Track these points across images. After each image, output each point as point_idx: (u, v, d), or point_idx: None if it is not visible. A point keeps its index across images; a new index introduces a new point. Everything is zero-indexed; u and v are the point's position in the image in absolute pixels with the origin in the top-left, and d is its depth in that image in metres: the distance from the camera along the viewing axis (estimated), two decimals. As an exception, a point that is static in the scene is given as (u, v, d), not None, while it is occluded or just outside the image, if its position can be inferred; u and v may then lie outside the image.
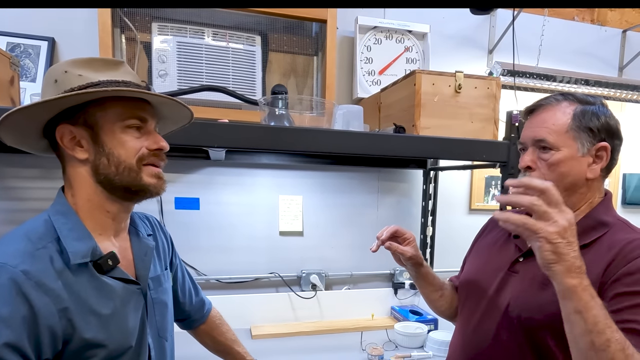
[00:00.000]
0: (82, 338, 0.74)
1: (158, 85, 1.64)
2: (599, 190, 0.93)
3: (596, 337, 0.70)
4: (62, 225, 0.78)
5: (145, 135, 0.82)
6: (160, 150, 0.83)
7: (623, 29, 2.48)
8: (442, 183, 2.16)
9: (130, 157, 0.79)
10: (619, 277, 0.79)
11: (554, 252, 0.71)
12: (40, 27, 1.65)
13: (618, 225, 0.89)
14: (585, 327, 0.71)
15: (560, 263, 0.71)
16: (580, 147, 0.87)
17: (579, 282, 0.71)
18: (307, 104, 1.53)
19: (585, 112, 0.88)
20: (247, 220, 1.92)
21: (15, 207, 1.65)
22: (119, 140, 0.79)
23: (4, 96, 1.25)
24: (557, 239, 0.71)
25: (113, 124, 0.78)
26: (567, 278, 0.71)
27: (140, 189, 0.82)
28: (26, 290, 0.69)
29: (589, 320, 0.70)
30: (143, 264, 0.89)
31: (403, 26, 2.01)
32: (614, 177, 2.50)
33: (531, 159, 0.91)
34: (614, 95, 2.30)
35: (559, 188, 0.88)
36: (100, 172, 0.79)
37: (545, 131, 0.89)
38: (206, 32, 1.71)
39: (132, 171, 0.80)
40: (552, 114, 0.90)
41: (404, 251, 1.04)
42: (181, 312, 1.13)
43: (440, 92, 1.50)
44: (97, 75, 0.78)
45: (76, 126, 0.78)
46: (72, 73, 0.77)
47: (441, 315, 1.21)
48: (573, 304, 0.72)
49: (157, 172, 0.83)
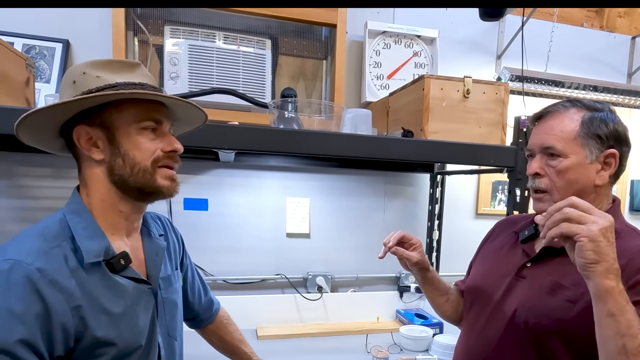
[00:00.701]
0: (94, 336, 0.75)
1: (169, 87, 1.66)
2: (607, 197, 0.93)
3: (629, 341, 0.70)
4: (76, 224, 0.79)
5: (160, 137, 0.83)
6: (175, 152, 0.84)
7: (632, 35, 2.48)
8: (448, 187, 2.16)
9: (145, 159, 0.81)
10: (633, 285, 0.79)
11: (595, 251, 0.70)
12: (55, 30, 1.68)
13: (627, 232, 0.89)
14: (618, 331, 0.70)
15: (601, 264, 0.70)
16: (588, 154, 0.87)
17: (616, 284, 0.71)
18: (316, 107, 1.54)
19: (593, 118, 0.88)
20: (254, 221, 1.94)
21: (28, 205, 1.68)
22: (134, 141, 0.80)
23: (19, 97, 1.28)
24: (600, 238, 0.70)
25: (129, 125, 0.80)
26: (605, 279, 0.71)
27: (154, 190, 0.83)
28: (40, 287, 0.70)
29: (622, 323, 0.70)
30: (154, 264, 0.90)
31: (412, 31, 2.02)
32: (621, 184, 2.48)
33: (539, 166, 0.92)
34: (622, 101, 2.29)
35: (568, 195, 0.88)
36: (115, 172, 0.80)
37: (553, 138, 0.89)
38: (217, 36, 1.73)
39: (147, 173, 0.81)
40: (560, 121, 0.90)
41: (410, 256, 1.04)
42: (190, 312, 1.14)
43: (449, 97, 1.51)
44: (115, 76, 0.79)
45: (93, 127, 0.79)
46: (90, 74, 0.78)
47: (447, 320, 1.21)
48: (608, 306, 0.71)
49: (172, 174, 0.85)
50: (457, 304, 1.16)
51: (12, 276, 0.69)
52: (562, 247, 0.82)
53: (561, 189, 0.88)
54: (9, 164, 1.65)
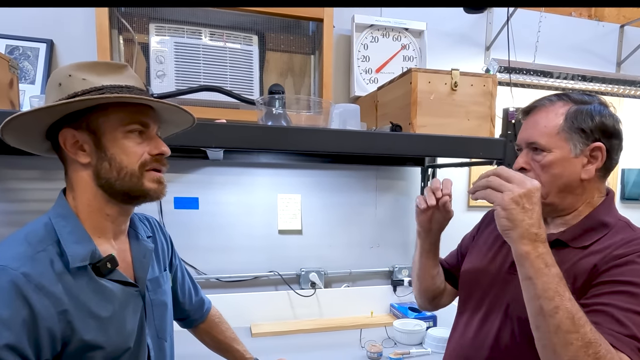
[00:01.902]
0: (81, 340, 0.75)
1: (156, 85, 1.65)
2: (599, 190, 0.92)
3: (545, 303, 0.73)
4: (62, 228, 0.79)
5: (147, 140, 0.82)
6: (162, 155, 0.84)
7: (621, 24, 2.48)
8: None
9: (132, 162, 0.80)
10: (608, 268, 0.80)
11: (507, 218, 0.76)
12: (38, 30, 1.66)
13: (619, 225, 0.88)
14: (535, 293, 0.75)
15: (515, 230, 0.76)
16: (572, 148, 0.87)
17: (532, 248, 0.75)
18: (304, 103, 1.53)
19: (578, 112, 0.88)
20: (246, 219, 1.94)
21: (15, 208, 1.66)
22: (120, 145, 0.79)
23: (3, 99, 1.26)
24: (511, 205, 0.76)
25: (115, 129, 0.79)
26: (520, 244, 0.76)
27: (141, 194, 0.82)
28: (26, 292, 0.70)
29: (538, 286, 0.74)
30: (142, 266, 0.90)
31: (400, 24, 2.01)
32: (612, 173, 2.50)
33: (525, 161, 0.92)
34: (612, 90, 2.30)
35: (554, 189, 0.89)
36: (102, 176, 0.80)
37: (537, 133, 0.90)
38: (203, 32, 1.71)
39: (134, 176, 0.80)
40: (544, 116, 0.90)
41: (451, 211, 1.03)
42: (181, 312, 1.15)
43: (436, 90, 1.51)
44: (101, 79, 0.78)
45: (79, 130, 0.78)
46: (76, 77, 0.77)
47: (427, 295, 1.17)
48: (525, 269, 0.76)
49: (159, 177, 0.84)
50: (443, 278, 1.17)
51: None
52: (553, 241, 0.85)
53: (546, 183, 0.89)
54: (-4, 167, 1.63)
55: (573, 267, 0.84)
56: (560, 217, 0.92)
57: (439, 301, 1.19)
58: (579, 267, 0.83)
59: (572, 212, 0.91)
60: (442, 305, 1.21)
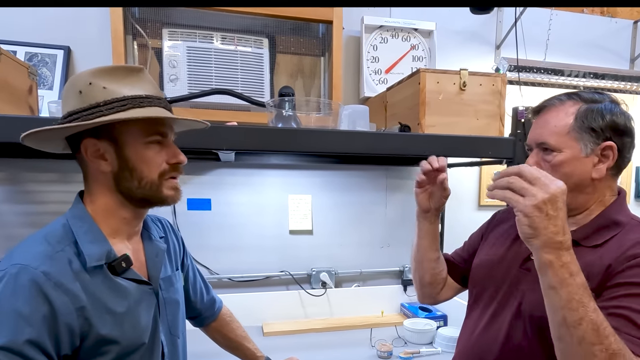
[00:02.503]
0: (98, 334, 0.78)
1: (169, 89, 1.69)
2: (611, 189, 0.91)
3: (568, 314, 0.71)
4: (78, 229, 0.82)
5: (165, 148, 0.86)
6: (179, 164, 0.87)
7: (634, 20, 2.45)
8: (450, 179, 2.09)
9: (152, 172, 0.84)
10: (623, 269, 0.79)
11: (530, 225, 0.73)
12: (55, 37, 1.71)
13: (632, 224, 0.88)
14: (559, 303, 0.72)
15: (538, 237, 0.73)
16: (583, 147, 0.86)
17: (555, 257, 0.72)
18: (313, 105, 1.55)
19: (588, 111, 0.87)
20: (257, 219, 1.96)
21: (34, 210, 1.71)
22: (142, 156, 0.83)
23: (23, 105, 1.31)
24: (534, 213, 0.72)
25: (136, 139, 0.82)
26: (543, 253, 0.73)
27: (159, 200, 0.87)
28: (46, 290, 0.73)
29: (562, 296, 0.72)
30: (154, 265, 0.93)
31: (409, 24, 2.02)
32: (626, 171, 2.45)
33: (535, 161, 0.91)
34: (625, 87, 2.27)
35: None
36: (123, 184, 0.83)
37: (547, 133, 0.89)
38: (215, 37, 1.75)
39: (154, 185, 0.84)
40: (554, 115, 0.90)
41: (448, 188, 1.05)
42: (193, 310, 1.18)
43: (445, 90, 1.51)
44: (120, 87, 0.80)
45: (101, 140, 0.81)
46: (97, 85, 0.79)
47: (424, 280, 1.17)
48: (548, 279, 0.73)
49: (176, 184, 0.88)
50: (443, 267, 1.16)
51: (19, 280, 0.72)
52: None
53: None
54: (15, 170, 1.69)
55: (586, 267, 0.83)
56: (572, 216, 0.91)
57: (436, 292, 1.18)
58: (592, 268, 0.82)
59: (584, 212, 0.91)
60: (441, 297, 1.19)
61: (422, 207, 1.11)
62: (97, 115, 0.78)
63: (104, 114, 0.78)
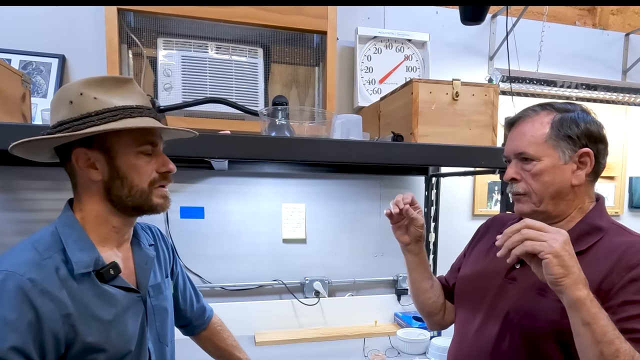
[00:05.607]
0: (84, 342, 0.78)
1: (164, 98, 1.69)
2: (589, 196, 0.94)
3: (605, 348, 0.72)
4: (67, 236, 0.82)
5: (155, 157, 0.87)
6: (169, 172, 0.88)
7: (626, 32, 2.48)
8: (444, 189, 2.17)
9: (143, 181, 0.85)
10: (625, 284, 0.79)
11: (561, 265, 0.73)
12: (51, 45, 1.72)
13: (614, 229, 0.89)
14: (594, 338, 0.72)
15: (569, 276, 0.73)
16: (561, 155, 0.89)
17: (586, 294, 0.73)
18: (307, 114, 1.56)
19: (563, 120, 0.90)
20: (250, 228, 1.96)
21: (26, 218, 1.71)
22: (132, 165, 0.84)
23: (16, 112, 1.31)
24: (563, 252, 0.73)
25: (127, 149, 0.83)
26: (576, 291, 0.73)
27: (149, 208, 0.88)
28: (32, 297, 0.73)
29: (597, 331, 0.72)
30: (143, 273, 0.93)
31: (403, 35, 2.04)
32: (620, 181, 2.48)
33: (514, 171, 0.93)
34: (617, 99, 2.29)
35: (546, 196, 0.90)
36: (113, 192, 0.84)
37: (525, 143, 0.91)
38: (209, 46, 1.76)
39: (144, 194, 0.85)
40: (530, 126, 0.92)
41: (418, 218, 1.05)
42: (182, 319, 1.17)
43: (438, 100, 1.52)
44: (111, 97, 0.81)
45: (92, 149, 0.82)
46: (88, 96, 0.80)
47: (426, 314, 1.19)
48: (581, 315, 0.73)
49: (165, 192, 0.89)
50: (439, 293, 1.16)
51: (6, 286, 0.73)
52: None
53: (538, 191, 0.90)
54: (8, 177, 1.68)
55: None
56: (554, 224, 0.92)
57: (440, 318, 1.18)
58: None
59: (565, 218, 0.92)
60: (447, 322, 1.20)
61: (401, 241, 1.11)
62: (89, 125, 0.78)
63: (96, 123, 0.79)
